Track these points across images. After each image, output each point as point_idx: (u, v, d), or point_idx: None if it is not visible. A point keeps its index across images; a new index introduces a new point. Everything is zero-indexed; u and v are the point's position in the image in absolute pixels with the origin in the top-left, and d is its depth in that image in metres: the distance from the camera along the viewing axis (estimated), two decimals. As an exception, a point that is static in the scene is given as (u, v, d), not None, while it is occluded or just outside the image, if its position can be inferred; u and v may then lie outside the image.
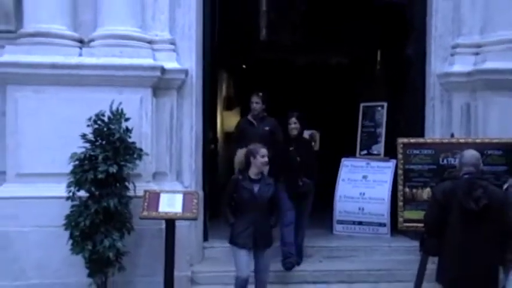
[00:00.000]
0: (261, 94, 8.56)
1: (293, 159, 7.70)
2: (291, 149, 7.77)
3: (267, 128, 8.40)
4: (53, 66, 7.25)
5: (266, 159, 6.80)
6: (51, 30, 7.39)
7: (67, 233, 6.70)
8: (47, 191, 7.03)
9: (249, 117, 8.58)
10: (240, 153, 7.25)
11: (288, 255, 7.57)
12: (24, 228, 7.09)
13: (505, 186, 6.18)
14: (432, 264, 6.54)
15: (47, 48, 7.33)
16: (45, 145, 7.15)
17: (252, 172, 6.79)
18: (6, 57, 7.31)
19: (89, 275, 6.78)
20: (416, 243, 7.36)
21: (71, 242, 6.70)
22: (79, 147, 6.74)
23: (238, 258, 6.67)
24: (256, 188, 6.73)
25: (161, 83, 7.61)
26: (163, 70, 7.52)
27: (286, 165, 7.70)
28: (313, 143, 17.10)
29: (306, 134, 17.91)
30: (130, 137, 6.94)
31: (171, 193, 7.15)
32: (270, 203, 6.85)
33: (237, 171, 7.32)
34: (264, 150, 6.81)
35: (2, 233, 7.11)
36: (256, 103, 8.52)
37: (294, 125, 7.77)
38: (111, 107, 6.85)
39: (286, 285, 7.56)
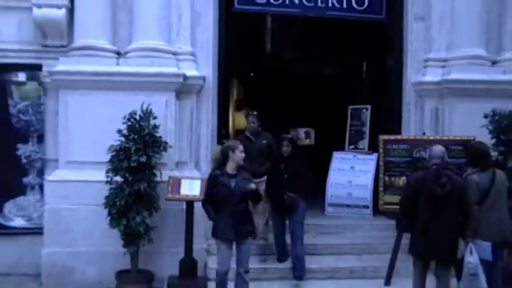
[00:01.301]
0: (255, 113, 8.02)
1: (281, 176, 7.25)
2: (282, 166, 7.33)
3: (264, 142, 7.86)
4: (96, 74, 7.32)
5: (244, 154, 6.30)
6: (95, 44, 7.45)
7: (106, 211, 6.80)
8: (91, 176, 7.07)
9: (247, 133, 7.98)
10: (217, 150, 6.63)
11: (295, 267, 7.11)
12: (73, 206, 7.18)
13: (464, 175, 6.24)
14: (406, 240, 6.61)
15: (92, 59, 7.39)
16: (89, 139, 7.21)
17: (230, 167, 6.19)
18: (60, 67, 7.38)
19: (124, 245, 6.85)
20: (393, 222, 7.46)
21: (109, 218, 6.80)
22: (116, 140, 6.83)
23: (220, 252, 6.20)
24: (233, 183, 6.12)
25: (183, 88, 7.64)
26: (185, 77, 7.55)
27: (275, 180, 7.31)
28: (308, 139, 17.20)
29: (303, 130, 17.94)
30: (157, 132, 7.00)
31: (190, 179, 7.18)
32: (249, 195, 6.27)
33: (213, 168, 6.63)
34: (241, 146, 6.35)
35: (55, 209, 7.21)
36: (253, 122, 7.95)
37: (286, 147, 7.38)
38: (141, 107, 6.91)
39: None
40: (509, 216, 6.35)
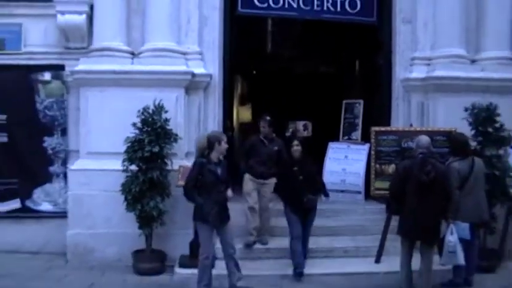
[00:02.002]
0: (268, 118, 7.66)
1: (296, 178, 6.79)
2: (294, 169, 6.84)
3: (275, 148, 7.57)
4: (113, 72, 7.43)
5: (227, 145, 6.15)
6: (111, 46, 7.57)
7: (123, 197, 6.92)
8: (108, 165, 7.16)
9: (261, 136, 7.63)
10: (202, 139, 6.43)
11: (296, 266, 6.76)
12: (93, 192, 7.29)
13: (446, 163, 6.33)
14: (394, 222, 6.65)
15: (109, 59, 7.50)
16: (107, 131, 7.29)
17: (214, 156, 6.03)
18: (81, 67, 7.52)
19: (139, 228, 6.96)
20: (383, 206, 7.45)
21: (125, 203, 6.92)
22: (131, 132, 6.95)
23: (207, 237, 6.01)
24: (219, 170, 6.02)
25: (192, 85, 7.71)
26: (193, 75, 7.64)
27: (291, 183, 6.82)
28: (306, 131, 17.21)
29: (301, 123, 17.94)
30: (168, 125, 7.10)
31: (198, 168, 7.29)
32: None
33: (197, 155, 6.44)
34: (226, 138, 6.19)
35: (78, 195, 7.34)
36: (263, 127, 7.62)
37: (296, 147, 6.89)
38: (154, 102, 7.02)
39: (285, 237, 7.17)
40: (486, 199, 6.48)
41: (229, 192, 6.13)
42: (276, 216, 7.64)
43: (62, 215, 7.56)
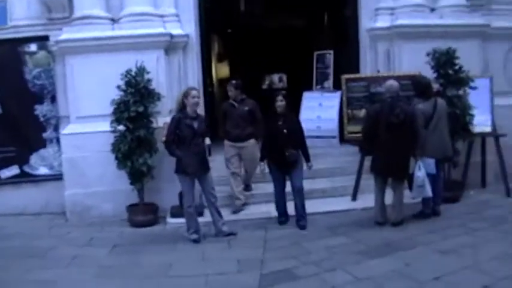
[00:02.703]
0: (234, 82, 7.31)
1: (280, 133, 6.31)
2: (279, 123, 6.35)
3: (246, 108, 7.12)
4: (95, 39, 7.27)
5: (196, 99, 5.97)
6: (92, 13, 7.43)
7: (113, 156, 6.90)
8: (98, 127, 7.11)
9: (231, 100, 7.26)
10: (179, 96, 6.17)
11: (299, 218, 6.47)
12: (86, 153, 7.24)
13: (412, 105, 6.37)
14: (367, 162, 6.73)
15: (90, 27, 7.36)
16: (93, 95, 7.17)
17: (190, 110, 5.95)
18: (64, 36, 7.37)
19: (131, 183, 6.97)
20: (356, 148, 7.59)
21: (116, 162, 6.90)
22: (116, 95, 6.87)
23: (188, 187, 5.98)
24: (195, 124, 5.94)
25: (170, 45, 7.61)
26: (171, 36, 7.53)
27: (274, 138, 6.36)
28: (281, 83, 17.14)
29: (276, 76, 17.91)
30: (151, 85, 7.04)
31: (182, 123, 7.22)
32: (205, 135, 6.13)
33: (176, 112, 6.16)
34: (195, 92, 6.02)
35: (71, 158, 7.29)
36: (230, 91, 7.23)
37: (280, 102, 6.36)
38: (136, 64, 6.93)
39: (269, 183, 6.89)
40: (449, 136, 6.56)
41: (207, 140, 6.13)
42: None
43: (59, 177, 7.52)
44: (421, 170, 6.10)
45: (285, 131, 6.33)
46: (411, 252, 5.29)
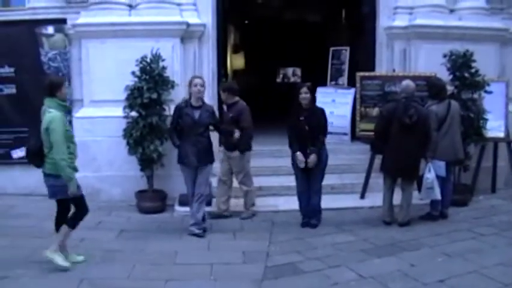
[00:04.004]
0: (223, 84, 7.18)
1: (302, 129, 5.98)
2: (301, 119, 5.98)
3: (230, 115, 6.47)
4: (111, 24, 7.33)
5: (198, 88, 5.80)
6: (110, -1, 7.46)
7: (125, 141, 6.94)
8: (111, 112, 7.16)
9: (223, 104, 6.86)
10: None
11: (311, 216, 6.27)
12: (97, 138, 7.30)
13: (426, 106, 6.35)
14: (378, 160, 6.75)
15: (108, 12, 7.41)
16: (108, 80, 7.23)
17: (193, 100, 5.87)
18: (81, 20, 7.43)
19: (141, 170, 7.02)
20: (368, 146, 7.48)
21: (127, 147, 6.94)
22: (130, 81, 6.90)
23: (186, 177, 5.97)
24: (197, 114, 5.80)
25: (186, 34, 7.62)
26: (188, 24, 7.54)
27: (297, 135, 6.05)
28: (295, 77, 17.06)
29: (290, 70, 17.83)
30: (165, 73, 7.07)
31: (196, 112, 7.23)
32: (211, 126, 5.97)
33: (182, 100, 6.13)
34: (197, 80, 5.87)
35: (83, 141, 7.00)
36: (221, 93, 6.77)
37: (304, 94, 5.96)
38: (151, 51, 6.96)
39: (278, 176, 7.40)
40: (461, 139, 6.54)
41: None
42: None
43: (70, 159, 7.56)
44: (431, 172, 6.10)
45: (306, 127, 6.01)
46: (417, 254, 5.30)
